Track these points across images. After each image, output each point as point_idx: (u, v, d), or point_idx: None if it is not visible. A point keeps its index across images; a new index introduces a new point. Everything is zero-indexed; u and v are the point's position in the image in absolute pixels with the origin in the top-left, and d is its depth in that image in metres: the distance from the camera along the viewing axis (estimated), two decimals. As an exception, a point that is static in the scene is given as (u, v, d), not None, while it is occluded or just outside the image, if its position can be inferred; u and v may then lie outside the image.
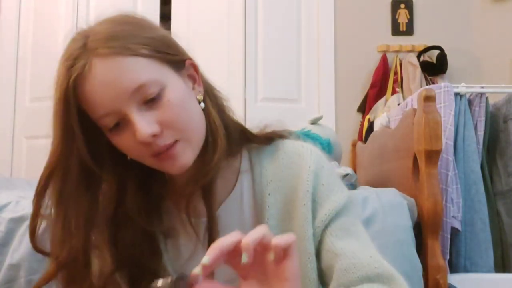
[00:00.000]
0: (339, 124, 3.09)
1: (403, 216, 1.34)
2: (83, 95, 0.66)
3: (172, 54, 0.72)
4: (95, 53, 0.65)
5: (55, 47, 3.07)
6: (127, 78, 0.65)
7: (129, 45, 0.66)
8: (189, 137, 0.70)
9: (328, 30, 3.16)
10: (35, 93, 3.12)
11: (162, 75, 0.69)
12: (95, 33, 0.68)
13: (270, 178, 0.78)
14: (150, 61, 0.68)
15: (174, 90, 0.69)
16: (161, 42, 0.71)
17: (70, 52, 0.67)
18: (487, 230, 1.68)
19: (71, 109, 0.66)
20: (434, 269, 1.32)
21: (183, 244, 0.79)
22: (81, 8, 3.08)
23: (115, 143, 0.70)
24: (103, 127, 0.69)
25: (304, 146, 0.81)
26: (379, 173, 1.90)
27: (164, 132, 0.67)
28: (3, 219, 1.26)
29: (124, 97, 0.66)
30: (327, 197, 0.76)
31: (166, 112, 0.67)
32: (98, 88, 0.65)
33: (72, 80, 0.65)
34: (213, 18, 3.04)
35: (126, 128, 0.67)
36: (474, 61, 3.12)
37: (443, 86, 1.70)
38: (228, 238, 0.54)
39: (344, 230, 0.74)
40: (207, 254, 0.52)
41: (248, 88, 3.03)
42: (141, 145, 0.67)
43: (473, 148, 1.71)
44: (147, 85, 0.66)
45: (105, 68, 0.65)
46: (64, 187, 0.69)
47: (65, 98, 0.66)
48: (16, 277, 1.21)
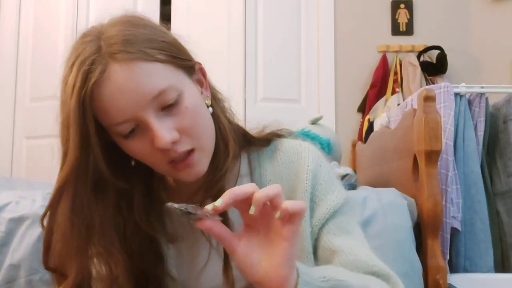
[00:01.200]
0: (339, 124, 3.09)
1: (403, 216, 1.34)
2: (100, 102, 0.64)
3: (185, 59, 0.71)
4: (113, 58, 0.63)
5: (55, 47, 3.08)
6: (147, 84, 0.64)
7: (147, 50, 0.65)
8: (204, 145, 0.70)
9: (328, 30, 3.16)
10: (35, 93, 3.12)
11: (179, 80, 0.68)
12: (108, 36, 0.65)
13: (269, 178, 0.78)
14: (167, 66, 0.67)
15: (190, 96, 0.69)
16: (175, 47, 0.70)
17: (84, 56, 0.64)
18: (487, 230, 1.68)
19: (88, 117, 0.63)
20: (434, 269, 1.32)
21: (186, 248, 0.78)
22: (81, 8, 3.08)
23: (129, 150, 0.68)
24: (117, 134, 0.67)
25: (302, 145, 0.81)
26: (379, 173, 1.90)
27: (182, 139, 0.67)
28: (3, 219, 1.26)
29: (144, 104, 0.64)
30: (324, 196, 0.76)
31: (184, 119, 0.67)
32: (117, 95, 0.63)
33: (91, 86, 0.63)
34: (213, 18, 3.04)
35: (143, 135, 0.66)
36: (474, 61, 3.12)
37: (443, 86, 1.70)
38: (243, 188, 0.55)
39: (341, 228, 0.75)
40: (222, 197, 0.54)
41: (248, 88, 3.02)
42: (158, 152, 0.66)
43: (473, 148, 1.71)
44: (166, 91, 0.65)
45: (125, 74, 0.63)
46: (77, 199, 0.67)
47: (83, 105, 0.63)
48: (16, 277, 1.21)
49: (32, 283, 1.20)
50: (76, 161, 0.65)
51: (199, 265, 0.77)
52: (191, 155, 0.68)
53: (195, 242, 0.78)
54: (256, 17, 3.09)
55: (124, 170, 0.72)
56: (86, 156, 0.65)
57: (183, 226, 0.78)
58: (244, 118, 2.89)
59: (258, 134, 0.82)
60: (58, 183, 0.67)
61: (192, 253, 0.78)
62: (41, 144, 3.03)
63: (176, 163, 0.68)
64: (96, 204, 0.69)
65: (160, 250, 0.76)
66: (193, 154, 0.68)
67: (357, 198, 1.37)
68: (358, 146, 2.59)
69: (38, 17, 3.17)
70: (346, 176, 1.70)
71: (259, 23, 3.10)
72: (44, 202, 1.29)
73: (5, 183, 1.86)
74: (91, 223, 0.68)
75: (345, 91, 3.13)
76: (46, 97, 3.08)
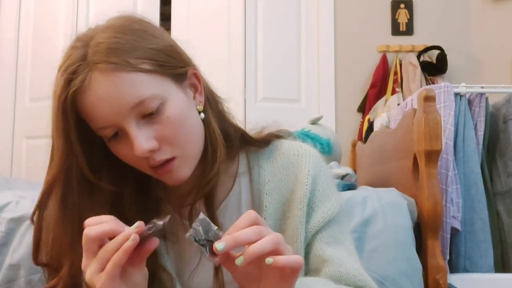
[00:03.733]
0: (339, 124, 3.09)
1: (403, 216, 1.34)
2: (82, 108, 0.66)
3: (174, 67, 0.70)
4: (96, 67, 0.64)
5: (55, 47, 3.07)
6: (127, 93, 0.65)
7: (131, 59, 0.65)
8: (187, 153, 0.70)
9: (328, 30, 3.16)
10: (35, 93, 3.12)
11: (163, 89, 0.68)
12: (96, 43, 0.66)
13: (268, 178, 0.78)
14: (151, 76, 0.67)
15: (174, 105, 0.68)
16: (164, 53, 0.69)
17: (70, 63, 0.66)
18: (487, 230, 1.68)
19: (69, 121, 0.66)
20: (434, 269, 1.32)
21: (185, 248, 0.78)
22: (81, 8, 3.08)
23: (114, 152, 0.70)
24: (103, 135, 0.69)
25: (302, 147, 0.81)
26: (379, 173, 1.90)
27: (162, 147, 0.68)
28: (3, 219, 1.26)
29: (123, 112, 0.65)
30: (321, 203, 0.77)
31: (165, 128, 0.67)
32: (97, 103, 0.65)
33: (71, 94, 0.65)
34: (213, 18, 3.04)
35: (125, 140, 0.67)
36: (474, 61, 3.12)
37: (443, 86, 1.70)
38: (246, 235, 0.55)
39: (334, 237, 0.76)
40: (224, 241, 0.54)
41: (248, 88, 3.02)
42: (139, 158, 0.67)
43: (473, 148, 1.71)
44: (147, 101, 0.66)
45: (105, 83, 0.64)
46: (66, 199, 0.69)
47: (63, 111, 0.65)
48: (16, 277, 1.21)
49: (32, 283, 1.20)
50: (60, 162, 0.67)
51: (192, 265, 0.77)
52: (171, 162, 0.69)
53: (187, 246, 0.78)
54: (256, 17, 3.09)
55: (115, 166, 0.73)
56: (70, 159, 0.67)
57: (178, 225, 0.78)
58: (244, 118, 2.89)
59: (257, 135, 0.82)
60: (45, 183, 0.70)
61: (186, 252, 0.78)
62: (41, 144, 3.01)
63: (157, 168, 0.69)
64: (88, 201, 0.70)
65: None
66: (173, 162, 0.69)
67: (357, 198, 1.37)
68: (358, 146, 2.58)
69: (38, 17, 3.17)
70: (346, 176, 1.70)
71: (259, 23, 3.10)
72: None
73: (5, 183, 1.86)
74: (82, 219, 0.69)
75: (345, 91, 3.13)
76: (46, 97, 3.03)
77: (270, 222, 0.76)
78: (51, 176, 0.69)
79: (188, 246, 0.78)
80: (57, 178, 0.68)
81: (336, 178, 1.66)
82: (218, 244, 0.54)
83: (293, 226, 0.75)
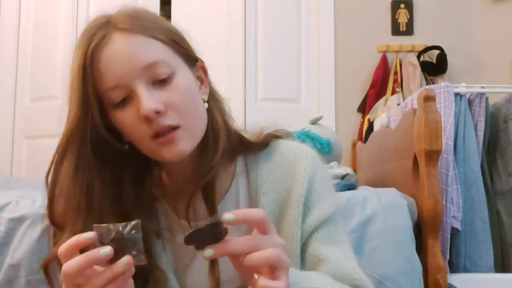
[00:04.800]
0: (339, 124, 3.08)
1: (403, 216, 1.34)
2: (98, 65, 0.68)
3: (186, 49, 0.75)
4: (116, 27, 0.70)
5: (55, 47, 3.08)
6: (141, 54, 0.69)
7: (149, 27, 0.70)
8: (191, 126, 0.71)
9: (328, 30, 3.16)
10: (35, 93, 3.12)
11: (175, 61, 0.72)
12: (118, 13, 0.72)
13: (265, 178, 0.79)
14: (165, 46, 0.71)
15: (184, 78, 0.72)
16: (178, 36, 0.75)
17: (92, 25, 0.71)
18: (487, 230, 1.68)
19: (88, 76, 0.68)
20: (434, 269, 1.32)
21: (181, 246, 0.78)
22: (81, 8, 3.08)
23: (118, 121, 0.70)
24: (110, 103, 0.70)
25: (300, 147, 0.81)
26: (379, 173, 1.90)
27: (168, 113, 0.69)
28: (3, 219, 1.26)
29: (136, 72, 0.68)
30: (317, 202, 0.77)
31: (174, 95, 0.70)
32: (112, 59, 0.68)
33: (91, 48, 0.68)
34: (213, 18, 3.04)
35: (132, 104, 0.69)
36: (474, 61, 3.12)
37: (443, 86, 1.70)
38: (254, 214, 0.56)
39: (330, 237, 0.76)
40: (234, 213, 0.55)
41: (248, 88, 3.02)
42: (143, 122, 0.68)
43: (473, 148, 1.71)
44: (159, 64, 0.69)
45: (123, 42, 0.69)
46: (81, 157, 0.70)
47: (83, 65, 0.68)
48: (16, 277, 1.21)
49: (32, 283, 1.20)
50: (75, 119, 0.69)
51: (189, 263, 0.78)
52: (174, 131, 0.69)
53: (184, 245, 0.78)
54: (256, 17, 3.09)
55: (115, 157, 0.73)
56: (85, 116, 0.68)
57: (174, 223, 0.78)
58: (244, 118, 2.89)
59: (256, 139, 0.82)
60: (60, 140, 0.71)
61: (182, 250, 0.78)
62: (41, 144, 3.03)
63: (159, 137, 0.69)
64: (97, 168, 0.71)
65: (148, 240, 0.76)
66: (177, 131, 0.69)
67: (357, 198, 1.37)
68: (358, 146, 2.59)
69: (38, 17, 3.17)
70: (346, 176, 1.70)
71: (259, 23, 3.10)
72: (44, 202, 1.29)
73: (5, 183, 1.86)
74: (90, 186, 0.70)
75: (345, 91, 3.13)
76: (46, 97, 3.08)
77: None
78: (65, 131, 0.70)
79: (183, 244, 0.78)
80: (75, 132, 0.69)
81: (336, 178, 1.66)
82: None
83: (289, 225, 0.75)
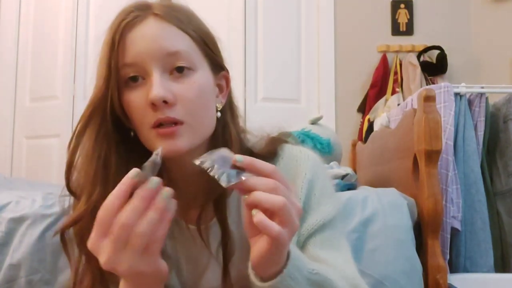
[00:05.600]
0: (339, 124, 3.09)
1: (403, 216, 1.34)
2: (125, 41, 0.69)
3: (214, 54, 0.76)
4: (153, 12, 0.71)
5: (55, 47, 3.08)
6: (168, 41, 0.69)
7: (184, 20, 0.72)
8: (195, 125, 0.70)
9: (328, 30, 3.16)
10: (35, 93, 3.13)
11: (198, 60, 0.72)
12: (159, 2, 0.73)
13: None
14: (193, 43, 0.72)
15: (202, 78, 0.72)
16: (210, 39, 0.76)
17: (132, 5, 0.72)
18: (487, 230, 1.68)
19: (114, 51, 0.68)
20: (434, 269, 1.32)
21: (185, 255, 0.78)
22: (81, 8, 3.08)
23: (126, 101, 0.70)
24: (122, 78, 0.70)
25: (302, 151, 0.81)
26: (379, 173, 1.90)
27: (177, 106, 0.68)
28: (3, 219, 1.26)
29: (157, 56, 0.68)
30: (316, 206, 0.76)
31: (187, 90, 0.69)
32: (139, 39, 0.69)
33: (123, 25, 0.69)
34: (213, 18, 3.02)
35: (144, 87, 0.69)
36: (474, 61, 3.12)
37: (443, 86, 1.70)
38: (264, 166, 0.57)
39: (328, 242, 0.75)
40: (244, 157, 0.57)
41: (248, 88, 3.03)
42: (149, 107, 0.67)
43: (473, 148, 1.71)
44: (181, 55, 0.69)
45: (153, 26, 0.70)
46: (102, 129, 0.70)
47: (112, 40, 0.69)
48: (16, 277, 1.21)
49: (32, 283, 1.20)
50: (100, 91, 0.69)
51: (198, 272, 0.77)
52: (177, 125, 0.68)
53: (194, 249, 0.77)
54: (256, 17, 3.10)
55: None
56: (107, 89, 0.69)
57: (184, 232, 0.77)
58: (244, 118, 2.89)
59: (262, 146, 0.81)
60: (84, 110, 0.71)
61: (191, 259, 0.78)
62: (41, 144, 3.03)
63: (160, 127, 0.68)
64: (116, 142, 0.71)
65: None
66: (180, 126, 0.68)
67: (357, 198, 1.37)
68: (358, 146, 2.59)
69: (38, 17, 3.17)
70: (346, 176, 1.70)
71: (259, 23, 3.10)
72: (44, 202, 1.29)
73: (5, 183, 1.86)
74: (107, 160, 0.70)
75: (345, 91, 3.13)
76: (46, 97, 3.08)
77: None
78: (92, 101, 0.70)
79: (193, 253, 0.77)
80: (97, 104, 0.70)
81: (336, 178, 1.66)
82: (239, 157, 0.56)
83: None
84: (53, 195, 1.31)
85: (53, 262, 1.21)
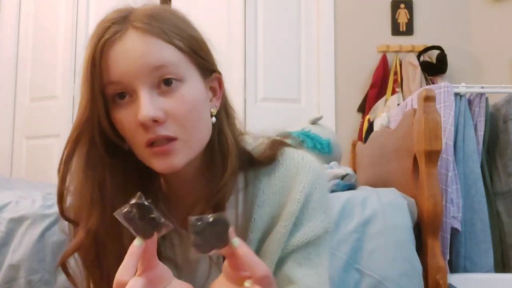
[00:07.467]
0: (339, 124, 3.09)
1: (403, 216, 1.34)
2: (107, 59, 0.66)
3: (203, 59, 0.72)
4: (133, 25, 0.66)
5: (55, 47, 3.08)
6: (153, 55, 0.65)
7: (167, 31, 0.67)
8: (189, 140, 0.68)
9: (328, 30, 3.16)
10: (35, 93, 3.13)
11: (187, 71, 0.69)
12: (139, 10, 0.69)
13: (263, 189, 0.75)
14: (180, 53, 0.68)
15: (192, 89, 0.68)
16: (198, 43, 0.72)
17: (110, 18, 0.68)
18: (487, 230, 1.67)
19: (96, 69, 0.65)
20: (434, 269, 1.32)
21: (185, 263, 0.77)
22: (81, 8, 3.08)
23: (116, 119, 0.68)
24: (109, 96, 0.67)
25: (304, 159, 0.77)
26: (379, 173, 1.90)
27: (168, 123, 0.66)
28: (3, 219, 1.26)
29: (143, 71, 0.65)
30: (306, 221, 0.74)
31: (177, 105, 0.66)
32: (122, 55, 0.65)
33: (102, 42, 0.65)
34: (213, 18, 3.04)
35: (133, 105, 0.66)
36: (474, 61, 3.12)
37: (443, 86, 1.70)
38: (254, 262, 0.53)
39: (308, 260, 0.73)
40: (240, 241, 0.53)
41: (248, 88, 3.03)
42: (140, 127, 0.65)
43: (473, 148, 1.71)
44: (168, 68, 0.66)
45: (136, 40, 0.66)
46: (91, 152, 0.68)
47: (93, 58, 0.65)
48: (16, 277, 1.21)
49: (32, 283, 1.20)
50: (85, 111, 0.67)
51: (199, 280, 0.75)
52: (170, 143, 0.66)
53: (194, 256, 0.76)
54: (256, 17, 3.09)
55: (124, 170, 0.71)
56: (92, 110, 0.66)
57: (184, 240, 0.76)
58: (244, 118, 2.89)
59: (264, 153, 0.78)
60: (70, 133, 0.68)
61: (192, 267, 0.77)
62: (41, 144, 3.03)
63: (153, 146, 0.66)
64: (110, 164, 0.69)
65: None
66: (173, 143, 0.66)
67: (357, 198, 1.37)
68: (358, 146, 2.59)
69: (38, 17, 3.17)
70: (346, 176, 1.70)
71: (259, 23, 3.10)
72: (44, 202, 1.30)
73: (5, 183, 1.86)
74: (102, 185, 0.68)
75: (345, 91, 3.13)
76: (46, 97, 3.08)
77: (255, 236, 0.74)
78: (77, 124, 0.68)
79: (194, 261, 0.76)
80: (84, 127, 0.67)
81: (336, 178, 1.66)
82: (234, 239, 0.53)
83: (276, 242, 0.73)
84: (53, 195, 1.30)
85: (53, 262, 1.21)
